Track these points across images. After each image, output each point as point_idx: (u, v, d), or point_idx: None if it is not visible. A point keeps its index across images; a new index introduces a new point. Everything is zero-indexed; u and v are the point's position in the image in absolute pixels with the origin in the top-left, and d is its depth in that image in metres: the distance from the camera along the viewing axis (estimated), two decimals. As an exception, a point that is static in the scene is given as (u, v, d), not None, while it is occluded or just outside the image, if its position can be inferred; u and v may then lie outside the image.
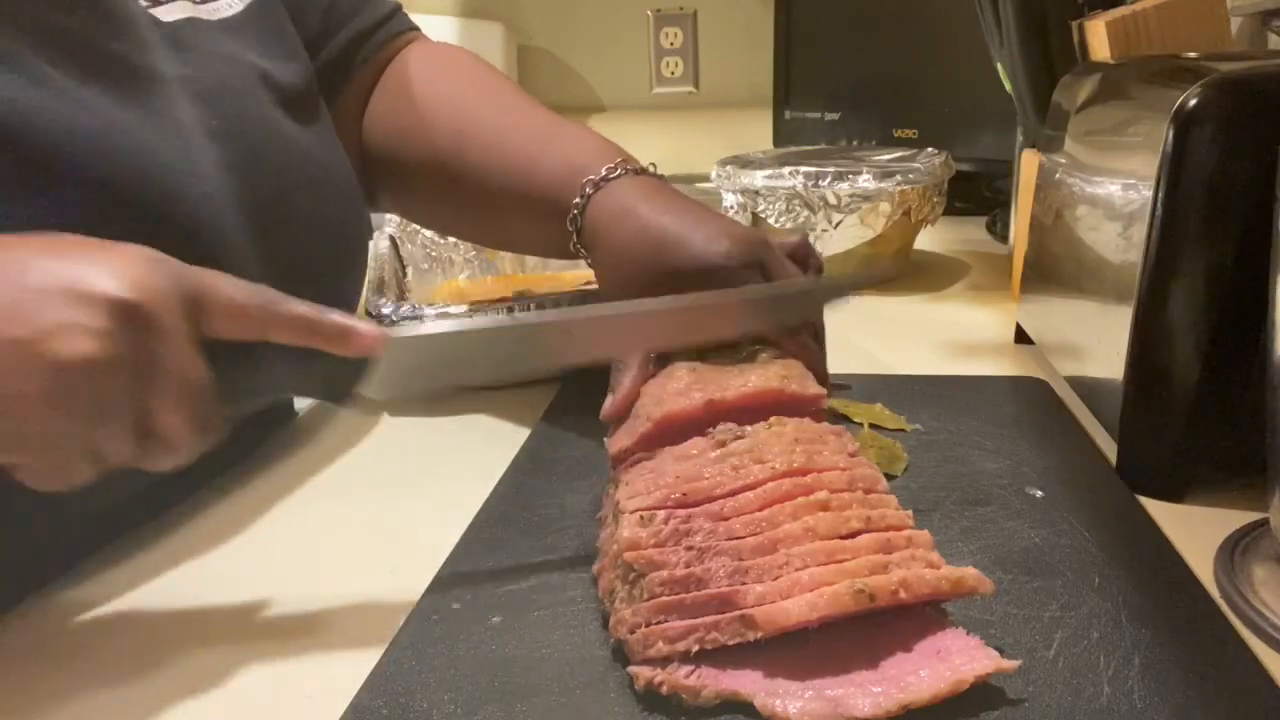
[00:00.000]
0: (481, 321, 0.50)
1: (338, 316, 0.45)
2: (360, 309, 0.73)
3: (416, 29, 0.77)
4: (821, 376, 0.56)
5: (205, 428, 0.43)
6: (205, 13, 0.60)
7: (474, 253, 0.94)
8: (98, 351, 0.39)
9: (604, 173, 0.62)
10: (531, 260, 0.95)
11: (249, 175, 0.57)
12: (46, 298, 0.39)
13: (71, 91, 0.49)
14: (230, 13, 0.61)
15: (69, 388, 0.39)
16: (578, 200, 0.62)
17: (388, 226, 0.88)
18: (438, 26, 0.80)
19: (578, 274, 0.88)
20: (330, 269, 0.65)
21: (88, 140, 0.48)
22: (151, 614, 0.50)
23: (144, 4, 0.56)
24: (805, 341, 0.58)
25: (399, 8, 0.77)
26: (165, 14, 0.57)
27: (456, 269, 0.94)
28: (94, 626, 0.49)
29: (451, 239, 0.92)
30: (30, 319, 0.38)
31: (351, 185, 0.68)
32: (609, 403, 0.57)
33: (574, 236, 0.63)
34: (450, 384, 0.50)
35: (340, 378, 0.47)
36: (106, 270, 0.40)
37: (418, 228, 0.91)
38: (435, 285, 0.91)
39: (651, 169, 0.64)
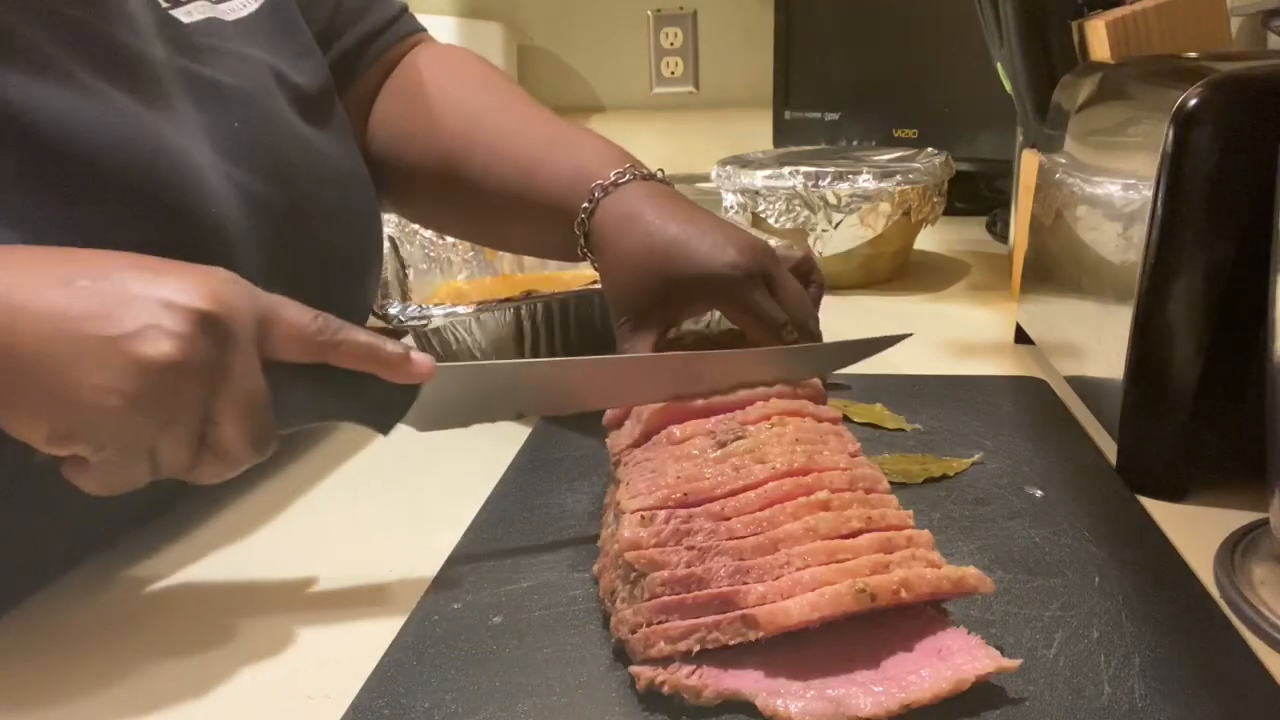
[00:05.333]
0: (523, 361, 0.53)
1: (395, 345, 0.48)
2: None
3: (424, 30, 0.77)
4: (819, 391, 0.56)
5: (258, 444, 0.45)
6: (222, 12, 0.60)
7: (472, 253, 0.94)
8: (177, 354, 0.41)
9: (613, 178, 0.62)
10: (530, 261, 0.95)
11: (266, 176, 0.57)
12: (135, 301, 0.41)
13: (101, 93, 0.50)
14: (245, 12, 0.62)
15: (147, 386, 0.41)
16: (586, 205, 0.62)
17: (386, 227, 0.88)
18: (437, 26, 0.80)
19: (576, 274, 0.88)
20: (349, 267, 0.66)
21: (115, 142, 0.49)
22: (151, 616, 0.50)
23: (164, 5, 0.56)
24: None
25: (405, 8, 0.77)
26: (185, 15, 0.57)
27: (455, 269, 0.94)
28: (94, 627, 0.49)
29: (450, 239, 0.92)
30: (119, 319, 0.41)
31: (365, 183, 0.68)
32: (611, 409, 0.58)
33: (581, 240, 0.63)
34: (485, 419, 0.53)
35: (386, 406, 0.49)
36: (190, 283, 0.43)
37: (416, 228, 0.90)
38: (434, 286, 0.91)
39: (659, 174, 0.64)
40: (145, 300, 0.41)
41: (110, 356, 0.41)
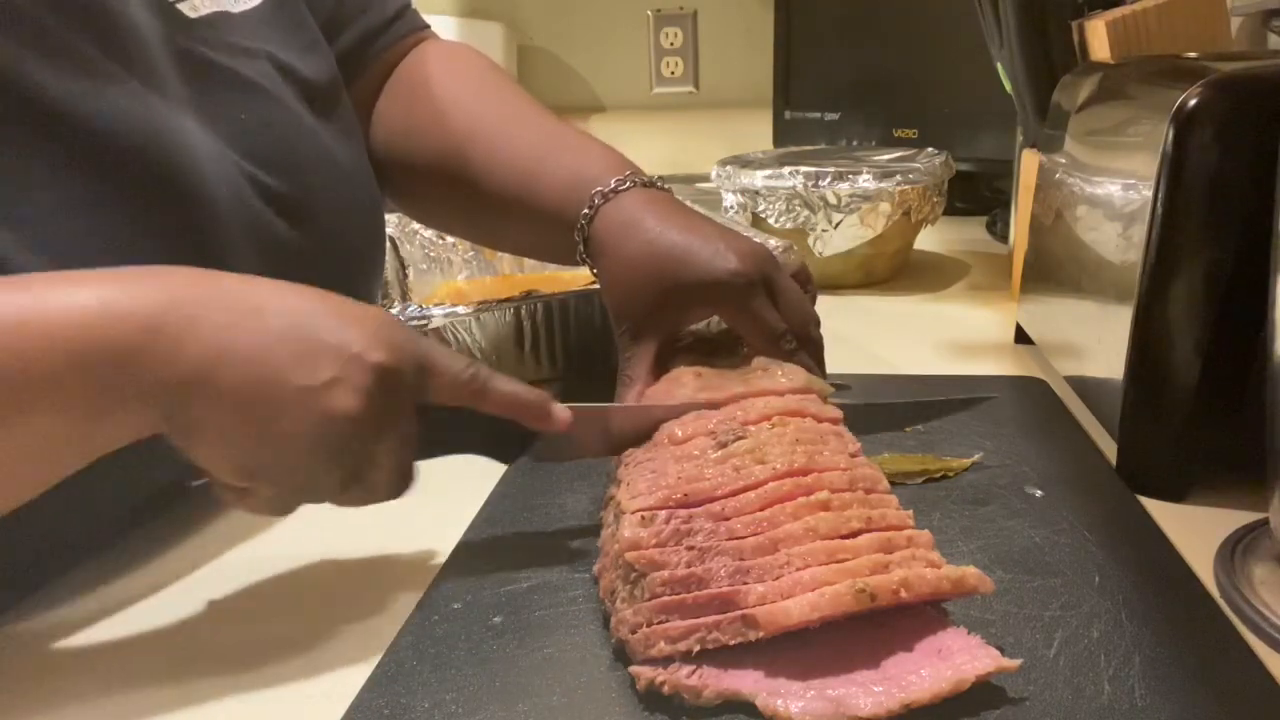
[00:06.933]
0: (641, 405, 0.55)
1: (538, 395, 0.50)
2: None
3: (427, 27, 0.77)
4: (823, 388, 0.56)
5: (403, 483, 0.48)
6: (229, 4, 0.60)
7: (472, 253, 0.94)
8: (360, 408, 0.43)
9: (613, 184, 0.61)
10: (530, 261, 0.94)
11: (274, 168, 0.58)
12: (326, 352, 0.43)
13: (114, 79, 0.50)
14: (252, 4, 0.62)
15: (329, 434, 0.43)
16: (586, 211, 0.61)
17: (386, 226, 0.88)
18: (438, 26, 0.79)
19: (576, 274, 0.88)
20: (352, 261, 0.66)
21: (128, 128, 0.49)
22: (152, 615, 0.50)
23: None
24: (808, 364, 0.58)
25: (408, 4, 0.76)
26: (191, 9, 0.57)
27: (455, 269, 0.94)
28: (95, 627, 0.49)
29: (450, 239, 0.92)
30: (313, 370, 0.43)
31: (369, 178, 0.68)
32: None
33: (581, 247, 0.63)
34: (599, 454, 0.55)
35: (511, 441, 0.52)
36: (371, 333, 0.44)
37: (416, 228, 0.91)
38: (434, 286, 0.91)
39: (659, 182, 0.64)
40: (335, 351, 0.43)
41: (301, 405, 0.42)
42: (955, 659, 0.39)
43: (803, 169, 1.01)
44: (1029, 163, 0.89)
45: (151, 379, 0.41)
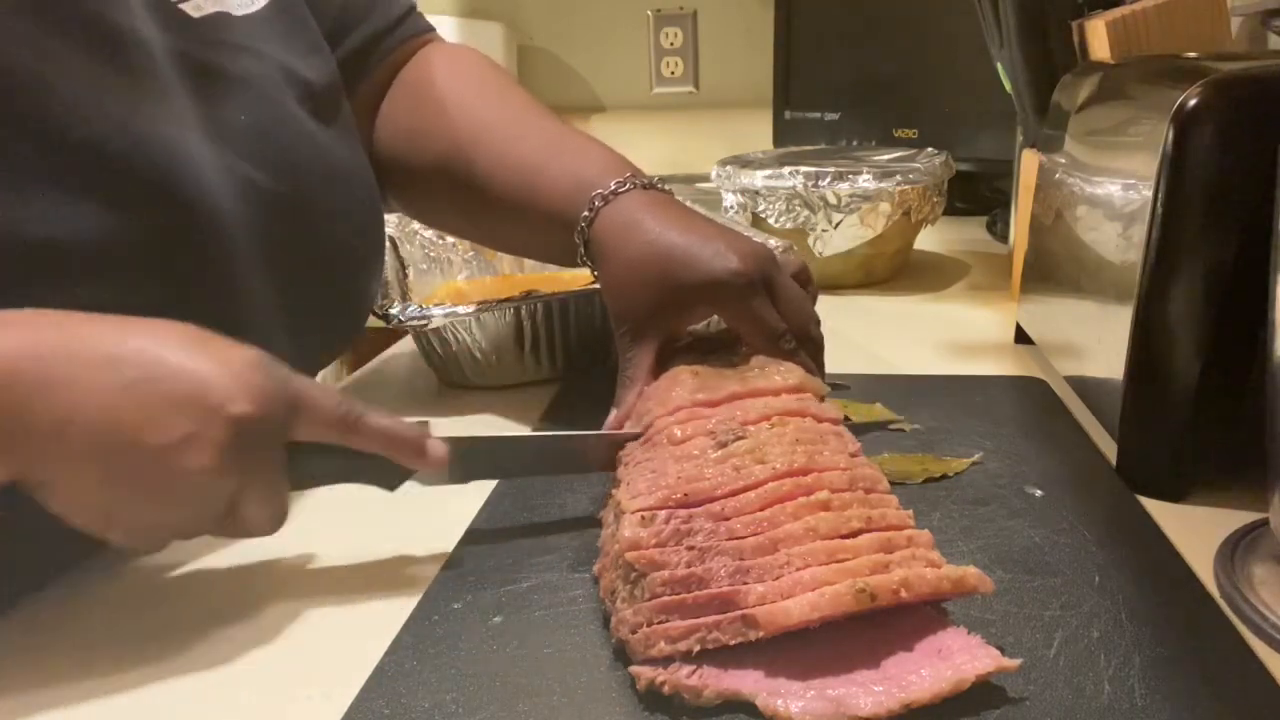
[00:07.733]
0: (527, 435, 0.57)
1: (412, 431, 0.50)
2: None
3: (432, 30, 0.77)
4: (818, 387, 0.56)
5: (276, 520, 0.47)
6: (231, 7, 0.60)
7: (472, 253, 0.94)
8: (217, 462, 0.43)
9: (613, 186, 0.62)
10: (530, 261, 0.95)
11: (271, 170, 0.58)
12: (178, 408, 0.42)
13: (104, 82, 0.50)
14: (254, 8, 0.62)
15: (185, 490, 0.43)
16: (586, 214, 0.62)
17: (386, 227, 0.88)
18: (438, 26, 0.80)
19: (576, 274, 0.88)
20: (351, 263, 0.66)
21: (118, 132, 0.49)
22: (152, 613, 0.50)
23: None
24: (808, 364, 0.58)
25: (414, 7, 0.76)
26: (194, 9, 0.57)
27: (455, 269, 0.94)
28: (94, 626, 0.49)
29: (450, 239, 0.92)
30: (165, 428, 0.42)
31: (369, 180, 0.68)
32: (612, 417, 0.58)
33: (581, 249, 0.63)
34: (482, 478, 0.57)
35: (392, 468, 0.51)
36: (228, 381, 0.43)
37: (416, 228, 0.91)
38: (434, 286, 0.91)
39: (658, 183, 0.64)
40: (190, 404, 0.42)
41: (155, 463, 0.42)
42: (955, 659, 0.39)
43: (803, 169, 1.01)
44: (1029, 163, 0.89)
45: (2, 434, 0.41)
